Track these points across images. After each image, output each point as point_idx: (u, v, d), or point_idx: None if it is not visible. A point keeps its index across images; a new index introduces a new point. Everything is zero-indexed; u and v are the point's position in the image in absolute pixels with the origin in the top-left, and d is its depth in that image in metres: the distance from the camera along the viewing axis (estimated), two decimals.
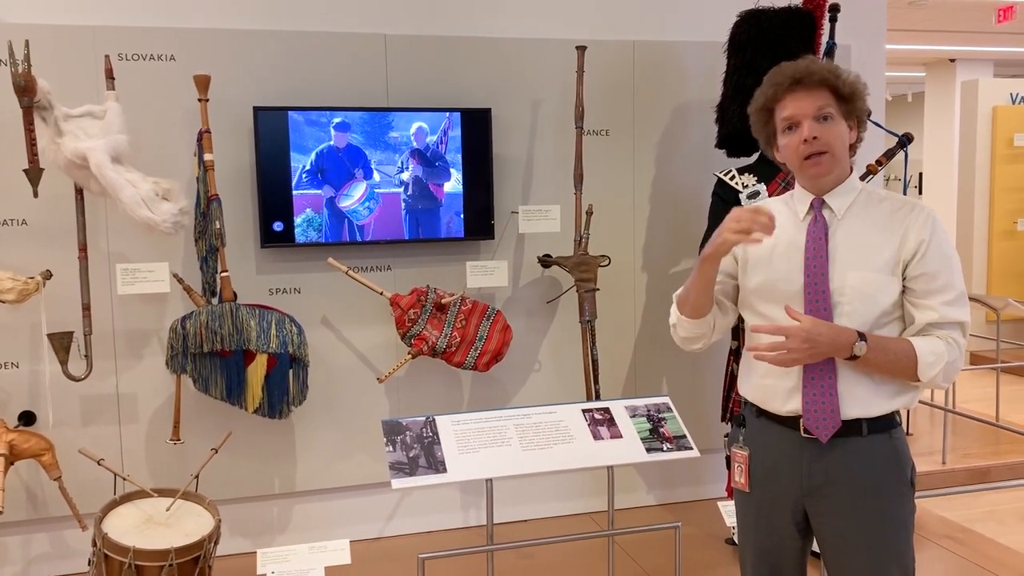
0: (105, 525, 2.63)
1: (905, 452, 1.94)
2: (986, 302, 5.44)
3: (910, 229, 1.86)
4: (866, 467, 1.89)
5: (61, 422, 3.22)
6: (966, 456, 4.72)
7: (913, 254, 1.85)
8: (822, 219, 1.92)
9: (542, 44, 3.64)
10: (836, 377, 1.88)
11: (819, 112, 1.86)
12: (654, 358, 3.90)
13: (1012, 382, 6.30)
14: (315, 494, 3.59)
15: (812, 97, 1.87)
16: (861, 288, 1.86)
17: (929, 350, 1.82)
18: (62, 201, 3.08)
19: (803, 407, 1.90)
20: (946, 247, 1.87)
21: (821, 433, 1.89)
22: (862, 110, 1.93)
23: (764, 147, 2.04)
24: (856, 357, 1.81)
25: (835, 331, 1.81)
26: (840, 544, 1.93)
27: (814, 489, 1.93)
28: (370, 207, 3.42)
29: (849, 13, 3.73)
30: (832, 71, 1.89)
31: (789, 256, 1.93)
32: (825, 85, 1.87)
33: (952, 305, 1.84)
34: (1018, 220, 7.41)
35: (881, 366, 1.84)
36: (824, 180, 1.92)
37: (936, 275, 1.84)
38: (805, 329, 1.79)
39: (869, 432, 1.89)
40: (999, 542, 3.58)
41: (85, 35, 3.17)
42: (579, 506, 3.86)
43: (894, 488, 1.91)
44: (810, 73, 1.87)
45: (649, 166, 3.83)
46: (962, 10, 8.85)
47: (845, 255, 1.88)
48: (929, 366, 1.82)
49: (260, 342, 3.11)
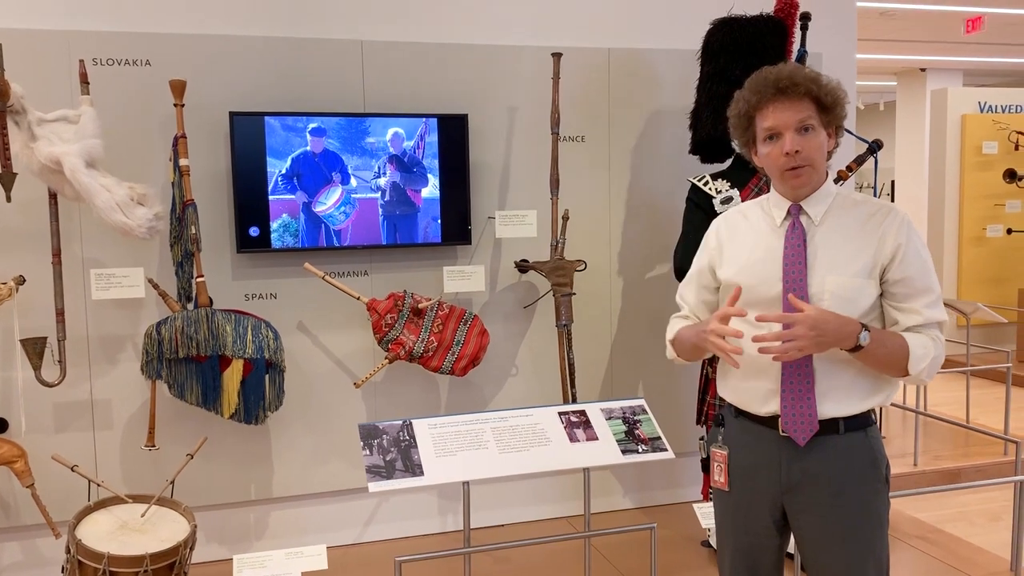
0: (79, 532, 2.61)
1: (880, 449, 1.98)
2: (956, 307, 5.53)
3: (887, 233, 1.90)
4: (843, 464, 1.93)
5: (34, 429, 3.19)
6: (937, 458, 4.79)
7: (891, 259, 1.89)
8: (800, 225, 1.94)
9: (518, 51, 3.67)
10: (814, 379, 1.91)
11: (801, 124, 1.87)
12: (630, 362, 3.93)
13: (981, 386, 6.39)
14: (292, 500, 3.58)
15: (795, 108, 1.87)
16: (839, 292, 1.88)
17: (919, 344, 1.87)
18: (36, 206, 3.07)
19: (781, 410, 1.93)
20: (921, 250, 1.91)
21: (799, 436, 1.92)
22: (841, 117, 1.94)
23: (741, 148, 2.04)
24: (859, 347, 1.83)
25: (841, 320, 1.83)
26: (818, 541, 1.96)
27: (792, 487, 1.96)
28: (346, 212, 3.42)
29: (820, 22, 3.80)
30: (815, 80, 1.89)
31: (767, 262, 1.96)
32: (808, 95, 1.88)
33: (933, 306, 1.90)
34: (987, 226, 7.54)
35: (878, 358, 1.87)
36: (802, 190, 1.95)
37: (915, 279, 1.89)
38: (812, 317, 1.79)
39: (846, 430, 1.93)
40: (970, 542, 3.63)
41: (60, 40, 3.16)
42: (556, 510, 3.88)
43: (870, 485, 1.94)
44: (794, 83, 1.87)
45: (624, 172, 3.87)
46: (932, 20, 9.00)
47: (823, 260, 1.91)
48: (919, 359, 1.86)
49: (236, 347, 3.10)
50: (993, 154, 7.48)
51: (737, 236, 2.06)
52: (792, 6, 3.42)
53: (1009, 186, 7.49)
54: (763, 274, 1.95)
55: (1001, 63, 11.81)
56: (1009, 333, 7.34)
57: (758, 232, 2.00)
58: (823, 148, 1.92)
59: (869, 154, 3.39)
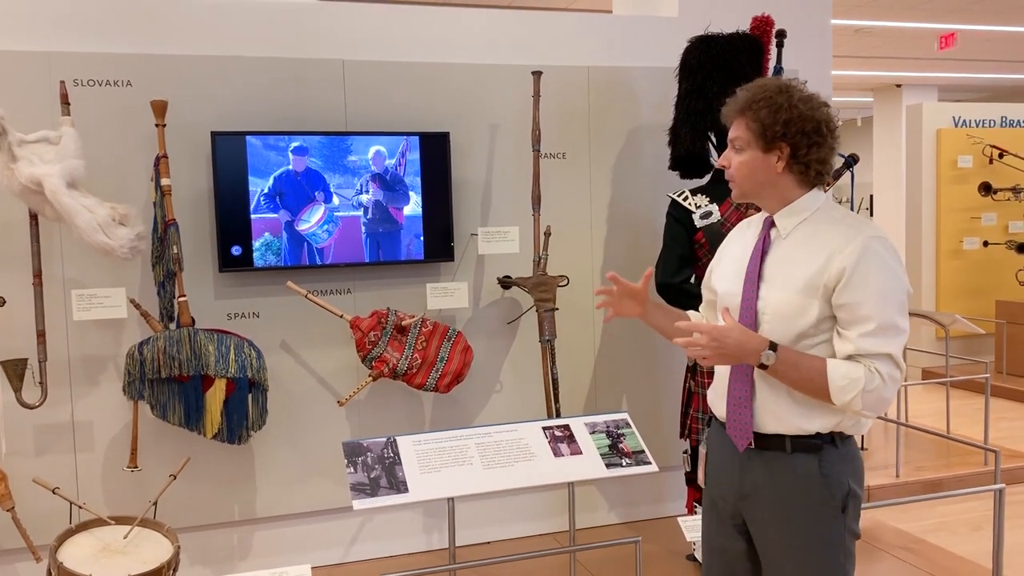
0: (60, 554, 2.58)
1: (836, 476, 1.89)
2: (935, 318, 5.59)
3: (835, 254, 1.83)
4: (789, 484, 1.91)
5: (15, 451, 3.17)
6: (919, 469, 4.82)
7: (836, 281, 1.82)
8: (765, 238, 1.98)
9: (499, 69, 3.70)
10: (753, 389, 1.93)
11: (733, 142, 1.96)
12: (614, 376, 3.94)
13: (961, 397, 6.45)
14: (276, 520, 3.56)
15: (733, 126, 1.97)
16: (778, 307, 1.89)
17: (842, 374, 1.80)
18: (16, 227, 3.06)
19: (726, 414, 1.99)
20: (871, 277, 1.80)
21: (738, 442, 1.96)
22: (786, 135, 1.88)
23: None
24: (764, 366, 1.83)
25: (746, 336, 1.83)
26: (767, 553, 1.98)
27: (744, 496, 1.99)
28: (329, 230, 3.43)
29: (796, 39, 3.85)
30: (750, 103, 1.91)
31: (736, 271, 2.02)
32: (741, 115, 1.93)
33: (871, 336, 1.80)
34: (964, 239, 7.64)
35: (793, 381, 1.85)
36: (759, 201, 1.99)
37: (857, 306, 1.81)
38: (716, 328, 1.83)
39: (793, 450, 1.90)
40: (952, 551, 3.67)
41: (40, 61, 3.16)
42: (542, 527, 3.87)
43: (815, 509, 1.89)
44: (731, 104, 1.96)
45: (605, 188, 3.90)
46: (906, 37, 9.16)
47: (775, 275, 1.93)
48: (841, 390, 1.80)
49: (219, 367, 3.10)
50: (968, 168, 7.59)
51: (731, 243, 2.13)
52: (767, 24, 3.48)
53: (985, 199, 7.59)
54: (735, 282, 2.01)
55: (975, 78, 12.02)
56: (987, 344, 7.42)
57: (744, 242, 2.05)
58: (749, 166, 1.93)
59: (845, 168, 3.45)
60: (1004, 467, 4.33)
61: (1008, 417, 6.17)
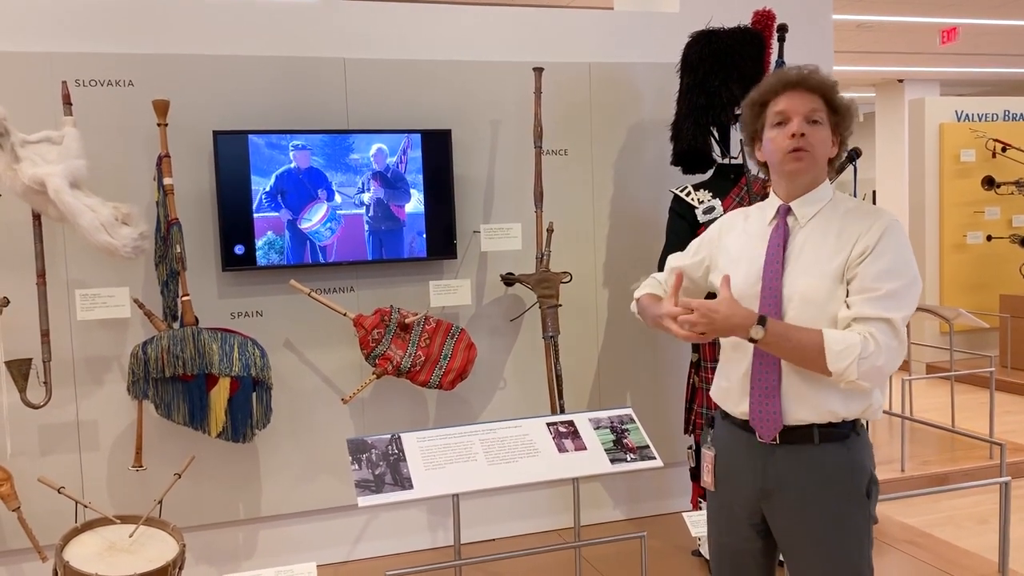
0: (66, 554, 2.59)
1: (861, 463, 1.94)
2: (938, 313, 5.58)
3: (861, 237, 1.88)
4: (815, 475, 1.92)
5: (21, 451, 3.18)
6: (924, 463, 4.82)
7: (859, 260, 1.87)
8: (784, 225, 1.97)
9: (500, 66, 3.70)
10: (780, 377, 1.93)
11: (810, 114, 1.90)
12: (618, 372, 3.94)
13: (966, 391, 6.45)
14: (281, 519, 3.56)
15: (807, 99, 1.91)
16: (806, 293, 1.89)
17: (838, 339, 1.81)
18: (20, 228, 3.06)
19: (749, 407, 1.96)
20: (886, 253, 1.85)
21: (765, 433, 1.94)
22: (847, 128, 1.97)
23: (746, 144, 2.07)
24: (754, 340, 1.84)
25: (731, 311, 1.84)
26: (794, 548, 1.97)
27: (768, 492, 1.97)
28: (332, 228, 3.43)
29: (797, 33, 3.84)
30: (831, 84, 1.95)
31: (752, 260, 1.99)
32: (820, 92, 1.92)
33: (871, 302, 1.83)
34: (967, 233, 7.62)
35: (787, 353, 1.86)
36: (797, 183, 1.95)
37: (868, 275, 1.85)
38: (704, 303, 1.84)
39: (821, 441, 1.91)
40: (957, 545, 3.66)
41: (42, 61, 3.16)
42: (547, 523, 3.87)
43: (845, 498, 1.92)
44: (808, 78, 1.92)
45: (608, 184, 3.90)
46: (907, 31, 9.14)
47: (800, 261, 1.93)
48: (837, 355, 1.80)
49: (223, 366, 3.10)
50: (971, 162, 7.58)
51: (732, 234, 2.10)
52: (769, 18, 3.47)
53: (988, 193, 7.58)
54: (746, 271, 1.99)
55: (977, 72, 12.00)
56: (991, 338, 7.41)
57: (750, 231, 2.04)
58: (826, 144, 1.94)
59: (848, 162, 3.44)
60: (1009, 460, 4.33)
61: (1013, 411, 6.16)
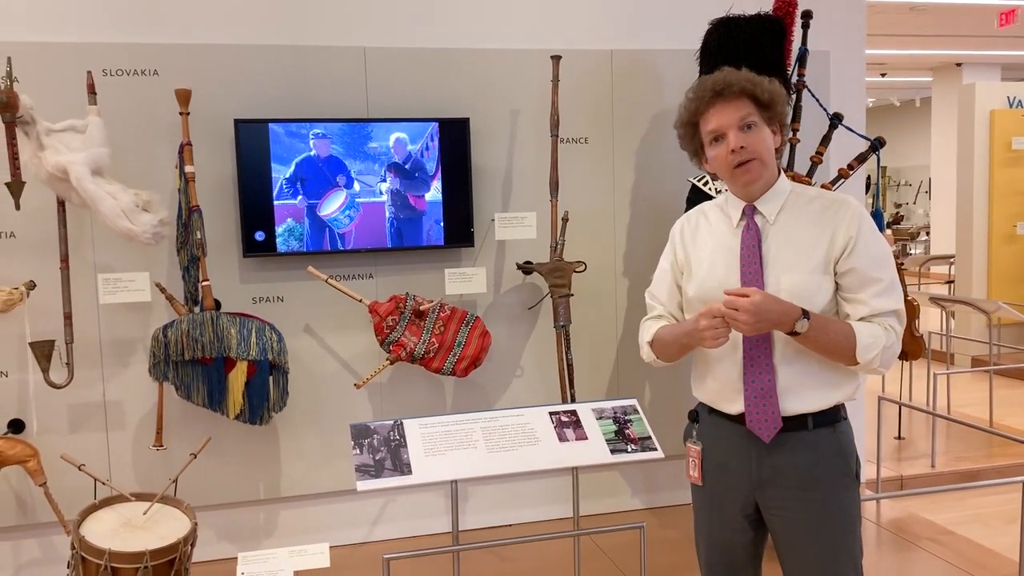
0: (83, 529, 2.69)
1: (849, 445, 1.99)
2: (978, 305, 5.43)
3: (838, 227, 1.91)
4: (812, 460, 1.95)
5: (50, 429, 3.30)
6: (957, 459, 4.71)
7: (842, 251, 1.90)
8: (755, 225, 1.96)
9: (519, 55, 3.70)
10: (775, 376, 1.92)
11: (742, 121, 1.91)
12: (637, 363, 3.90)
13: (1007, 385, 6.26)
14: (300, 499, 3.64)
15: (734, 107, 1.91)
16: (794, 290, 1.90)
17: (868, 332, 1.87)
18: (46, 213, 3.17)
19: (746, 409, 1.95)
20: (872, 240, 1.91)
21: (763, 434, 1.94)
22: (783, 115, 1.98)
23: (692, 159, 2.08)
24: (797, 333, 1.85)
25: (783, 307, 1.85)
26: (790, 536, 1.98)
27: (763, 482, 1.98)
28: (351, 215, 3.48)
29: (826, 19, 3.77)
30: (749, 80, 1.93)
31: (727, 262, 1.99)
32: (744, 94, 1.92)
33: (882, 295, 1.89)
34: (1017, 224, 7.38)
35: (820, 344, 1.88)
36: (754, 186, 1.96)
37: (863, 269, 1.89)
38: (756, 302, 1.82)
39: (815, 426, 1.95)
40: (982, 544, 3.57)
41: (70, 52, 3.26)
42: (559, 511, 3.88)
43: (838, 480, 1.96)
44: (728, 84, 1.92)
45: (628, 172, 3.88)
46: (963, 14, 8.84)
47: (778, 259, 1.93)
48: (867, 348, 1.86)
49: (240, 349, 3.17)
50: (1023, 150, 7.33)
51: (699, 236, 2.09)
52: (791, 4, 3.40)
53: None
54: (722, 275, 1.98)
55: None
56: None
57: (717, 233, 2.03)
58: (768, 143, 1.95)
59: (871, 152, 3.37)
60: None
61: None
